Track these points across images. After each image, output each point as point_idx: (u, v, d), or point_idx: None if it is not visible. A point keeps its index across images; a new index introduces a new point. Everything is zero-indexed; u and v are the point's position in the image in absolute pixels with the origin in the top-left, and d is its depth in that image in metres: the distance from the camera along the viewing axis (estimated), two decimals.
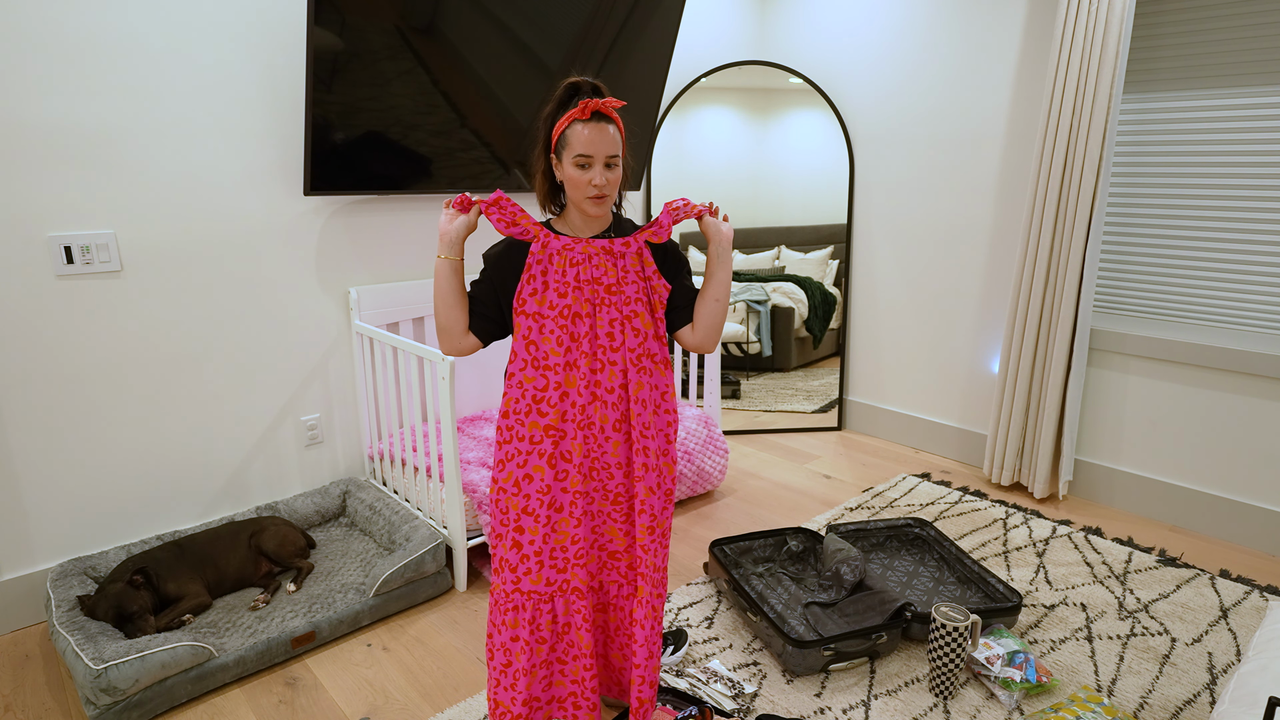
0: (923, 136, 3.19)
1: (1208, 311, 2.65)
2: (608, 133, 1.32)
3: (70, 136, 2.02)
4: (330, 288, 2.57)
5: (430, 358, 2.16)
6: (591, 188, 1.33)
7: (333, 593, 2.10)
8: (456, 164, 2.64)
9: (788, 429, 3.67)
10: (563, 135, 1.33)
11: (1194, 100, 2.56)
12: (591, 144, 1.30)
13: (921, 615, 1.95)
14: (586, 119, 1.31)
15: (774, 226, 3.53)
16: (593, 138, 1.30)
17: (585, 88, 1.34)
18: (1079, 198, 2.60)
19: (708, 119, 3.45)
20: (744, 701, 1.78)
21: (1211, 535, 2.63)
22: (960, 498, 2.90)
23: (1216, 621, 2.10)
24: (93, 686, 1.65)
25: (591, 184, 1.33)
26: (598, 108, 1.31)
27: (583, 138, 1.31)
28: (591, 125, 1.31)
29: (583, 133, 1.31)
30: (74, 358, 2.11)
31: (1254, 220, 2.51)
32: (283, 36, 2.32)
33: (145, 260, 2.19)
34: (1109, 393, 2.80)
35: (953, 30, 3.02)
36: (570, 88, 1.35)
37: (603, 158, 1.32)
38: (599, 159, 1.32)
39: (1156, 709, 1.77)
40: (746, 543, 2.35)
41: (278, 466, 2.56)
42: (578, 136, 1.31)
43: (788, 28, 3.61)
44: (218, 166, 2.27)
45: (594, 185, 1.33)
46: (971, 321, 3.18)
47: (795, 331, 3.58)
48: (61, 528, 2.16)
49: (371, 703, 1.82)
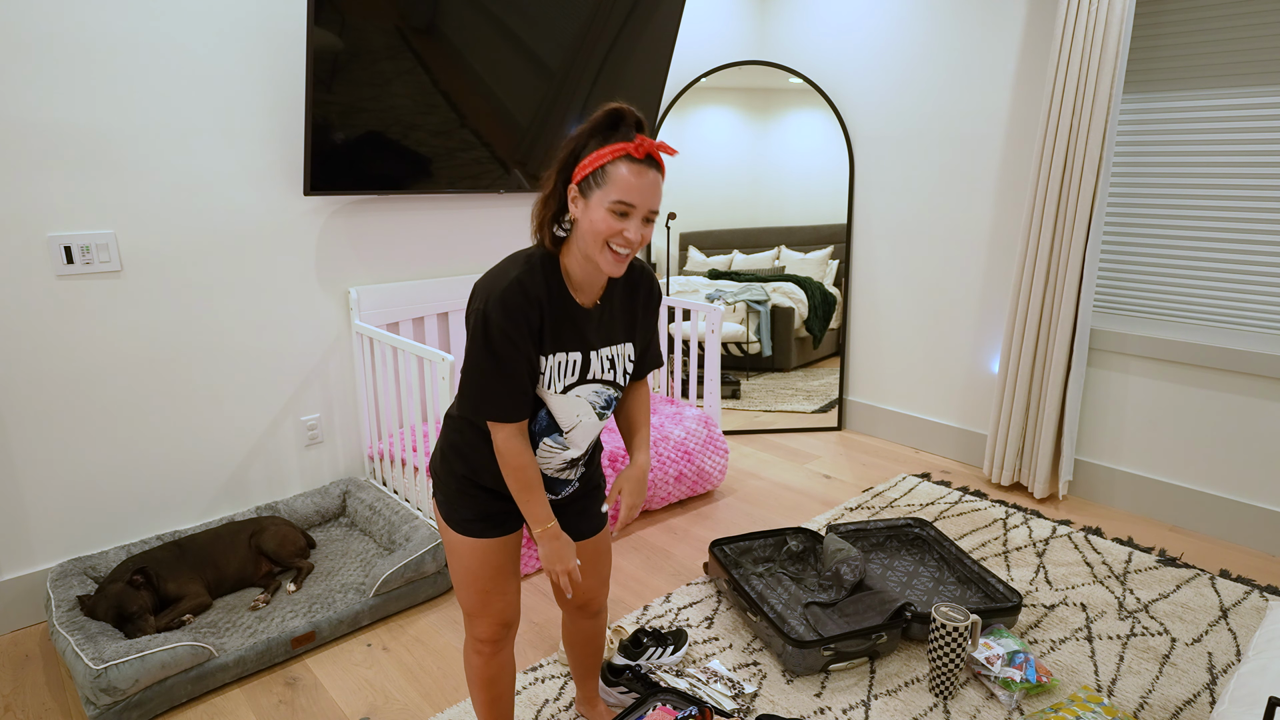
0: (923, 136, 3.19)
1: (1208, 311, 2.65)
2: (658, 184, 1.13)
3: (70, 136, 2.02)
4: (330, 288, 2.57)
5: (430, 358, 2.16)
6: (622, 239, 1.13)
7: (333, 593, 2.10)
8: (456, 164, 2.64)
9: (788, 429, 3.67)
10: (602, 170, 1.11)
11: (1194, 100, 2.56)
12: (639, 192, 1.10)
13: (921, 615, 1.95)
14: (640, 159, 1.11)
15: (774, 226, 3.53)
16: (642, 185, 1.10)
17: (631, 119, 1.13)
18: (1079, 198, 2.60)
19: (708, 119, 3.45)
20: (744, 701, 1.78)
21: (1211, 535, 2.63)
22: (960, 498, 2.90)
23: (1216, 621, 2.10)
24: (93, 686, 1.65)
25: (624, 235, 1.13)
26: (654, 150, 1.12)
27: (629, 182, 1.10)
28: (642, 169, 1.11)
29: (629, 176, 1.10)
30: (74, 358, 2.11)
31: (1254, 220, 2.51)
32: (283, 36, 2.32)
33: (145, 260, 2.19)
34: (1109, 393, 2.80)
35: (953, 30, 3.02)
36: (614, 114, 1.13)
37: (645, 210, 1.12)
38: (641, 210, 1.12)
39: (1156, 709, 1.77)
40: (746, 543, 2.35)
41: (278, 466, 2.56)
42: (623, 179, 1.10)
43: (788, 28, 3.61)
44: (218, 166, 2.27)
45: (625, 238, 1.13)
46: (971, 321, 3.18)
47: (795, 331, 3.58)
48: (61, 528, 2.16)
49: (371, 703, 1.82)
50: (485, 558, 1.33)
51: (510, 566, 1.37)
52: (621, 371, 1.32)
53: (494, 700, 1.46)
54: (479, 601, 1.36)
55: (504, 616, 1.38)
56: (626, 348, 1.32)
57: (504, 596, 1.37)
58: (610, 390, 1.31)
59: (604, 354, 1.28)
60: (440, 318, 2.89)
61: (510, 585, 1.38)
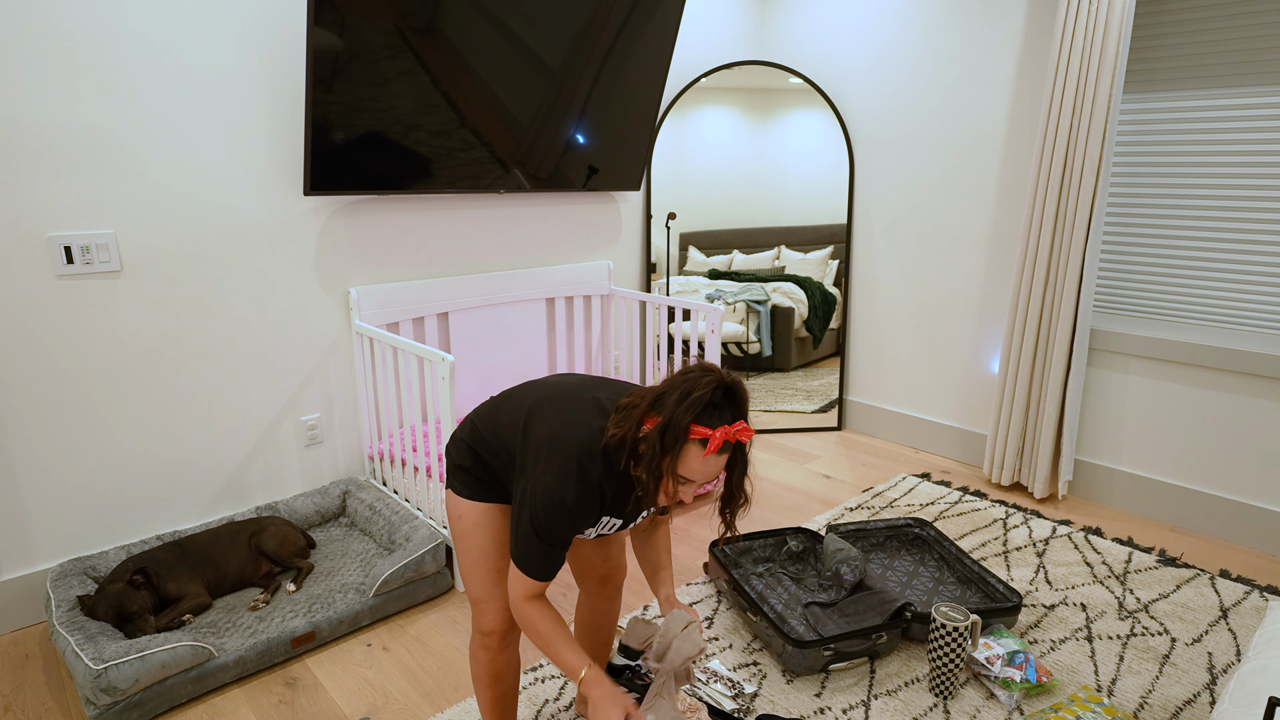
0: (923, 136, 3.19)
1: (1208, 311, 2.65)
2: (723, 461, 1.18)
3: (70, 136, 2.01)
4: (330, 288, 2.57)
5: (430, 358, 2.16)
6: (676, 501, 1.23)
7: (333, 593, 2.10)
8: (456, 164, 2.64)
9: (788, 429, 3.67)
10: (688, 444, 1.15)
11: (1194, 100, 2.56)
12: (704, 473, 1.17)
13: (921, 615, 1.95)
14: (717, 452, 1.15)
15: (774, 226, 3.53)
16: (708, 468, 1.16)
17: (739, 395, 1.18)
18: (1079, 198, 2.60)
19: (708, 119, 3.45)
20: (744, 701, 1.78)
21: (1211, 535, 2.63)
22: (960, 498, 2.90)
23: (1216, 621, 2.10)
24: (93, 686, 1.65)
25: (678, 498, 1.22)
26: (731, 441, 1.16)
27: (700, 464, 1.16)
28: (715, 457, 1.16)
29: (703, 458, 1.15)
30: (74, 358, 2.11)
31: (1254, 220, 2.51)
32: (283, 36, 2.32)
33: (145, 260, 2.19)
34: (1109, 393, 2.80)
35: (953, 30, 3.03)
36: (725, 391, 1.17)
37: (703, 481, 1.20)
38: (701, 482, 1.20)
39: (1156, 709, 1.77)
40: (746, 543, 2.35)
41: (278, 466, 2.56)
42: (696, 459, 1.15)
43: (788, 28, 3.61)
44: (218, 166, 2.27)
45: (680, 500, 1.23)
46: (971, 321, 3.18)
47: (795, 331, 3.58)
48: (61, 528, 2.16)
49: (371, 703, 1.82)
50: (500, 529, 1.34)
51: None
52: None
53: (499, 698, 1.47)
54: (489, 583, 1.36)
55: None
56: None
57: None
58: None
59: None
60: (440, 318, 2.89)
61: None
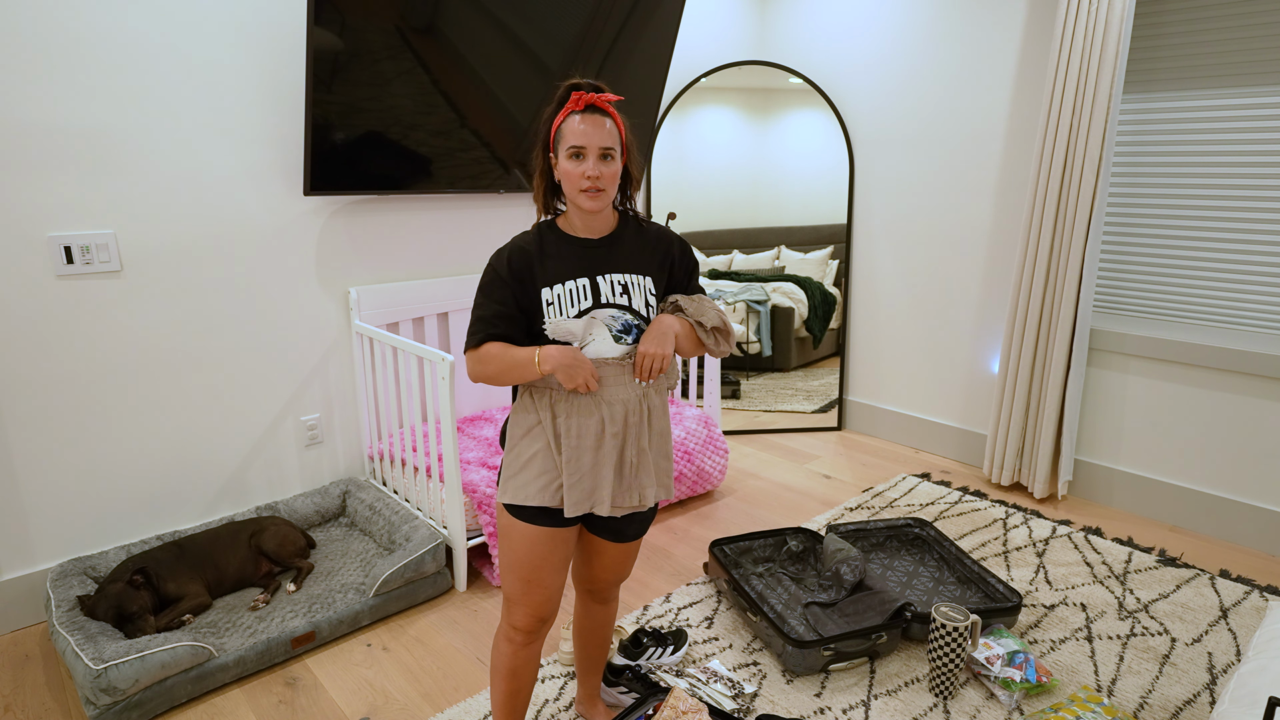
0: (923, 136, 3.19)
1: (1208, 311, 2.65)
2: (603, 125, 1.31)
3: (70, 136, 2.01)
4: (330, 288, 2.57)
5: (430, 358, 2.16)
6: (584, 179, 1.31)
7: (333, 593, 2.10)
8: (456, 164, 2.64)
9: (788, 429, 3.67)
10: (559, 130, 1.33)
11: (1194, 100, 2.56)
12: (584, 135, 1.29)
13: (921, 615, 1.95)
14: (580, 110, 1.31)
15: (774, 226, 3.53)
16: (586, 129, 1.30)
17: (585, 87, 1.34)
18: (1079, 198, 2.60)
19: (708, 119, 3.45)
20: (744, 701, 1.78)
21: (1211, 535, 2.63)
22: (960, 498, 2.90)
23: (1216, 621, 2.10)
24: (93, 686, 1.65)
25: (585, 175, 1.31)
26: (592, 100, 1.31)
27: (576, 130, 1.30)
28: (585, 117, 1.30)
29: (577, 125, 1.30)
30: (74, 358, 2.11)
31: (1254, 220, 2.51)
32: (283, 36, 2.32)
33: (145, 260, 2.19)
34: (1109, 393, 2.80)
35: (953, 30, 3.02)
36: (570, 87, 1.34)
37: (596, 149, 1.30)
38: (592, 150, 1.30)
39: (1156, 709, 1.77)
40: (746, 543, 2.35)
41: (278, 466, 2.56)
42: (571, 129, 1.31)
43: (788, 28, 3.61)
44: (218, 166, 2.27)
45: (587, 177, 1.31)
46: (971, 321, 3.18)
47: (795, 331, 3.58)
48: (61, 528, 2.16)
49: (371, 703, 1.82)
50: (533, 545, 1.38)
51: (556, 561, 1.40)
52: (642, 301, 1.38)
53: (514, 693, 1.48)
54: (520, 588, 1.41)
55: (541, 610, 1.42)
56: (645, 280, 1.40)
57: (544, 590, 1.41)
58: (628, 316, 1.37)
59: (614, 279, 1.37)
60: (440, 318, 2.89)
61: (552, 580, 1.41)
